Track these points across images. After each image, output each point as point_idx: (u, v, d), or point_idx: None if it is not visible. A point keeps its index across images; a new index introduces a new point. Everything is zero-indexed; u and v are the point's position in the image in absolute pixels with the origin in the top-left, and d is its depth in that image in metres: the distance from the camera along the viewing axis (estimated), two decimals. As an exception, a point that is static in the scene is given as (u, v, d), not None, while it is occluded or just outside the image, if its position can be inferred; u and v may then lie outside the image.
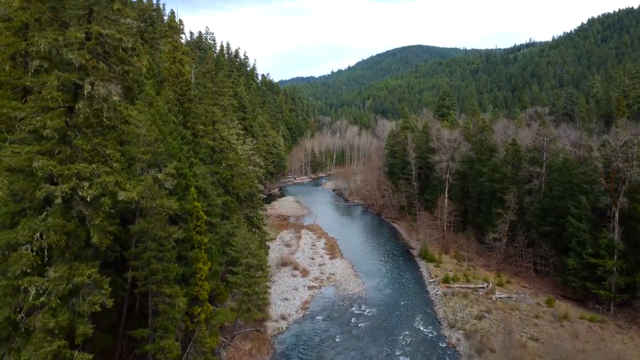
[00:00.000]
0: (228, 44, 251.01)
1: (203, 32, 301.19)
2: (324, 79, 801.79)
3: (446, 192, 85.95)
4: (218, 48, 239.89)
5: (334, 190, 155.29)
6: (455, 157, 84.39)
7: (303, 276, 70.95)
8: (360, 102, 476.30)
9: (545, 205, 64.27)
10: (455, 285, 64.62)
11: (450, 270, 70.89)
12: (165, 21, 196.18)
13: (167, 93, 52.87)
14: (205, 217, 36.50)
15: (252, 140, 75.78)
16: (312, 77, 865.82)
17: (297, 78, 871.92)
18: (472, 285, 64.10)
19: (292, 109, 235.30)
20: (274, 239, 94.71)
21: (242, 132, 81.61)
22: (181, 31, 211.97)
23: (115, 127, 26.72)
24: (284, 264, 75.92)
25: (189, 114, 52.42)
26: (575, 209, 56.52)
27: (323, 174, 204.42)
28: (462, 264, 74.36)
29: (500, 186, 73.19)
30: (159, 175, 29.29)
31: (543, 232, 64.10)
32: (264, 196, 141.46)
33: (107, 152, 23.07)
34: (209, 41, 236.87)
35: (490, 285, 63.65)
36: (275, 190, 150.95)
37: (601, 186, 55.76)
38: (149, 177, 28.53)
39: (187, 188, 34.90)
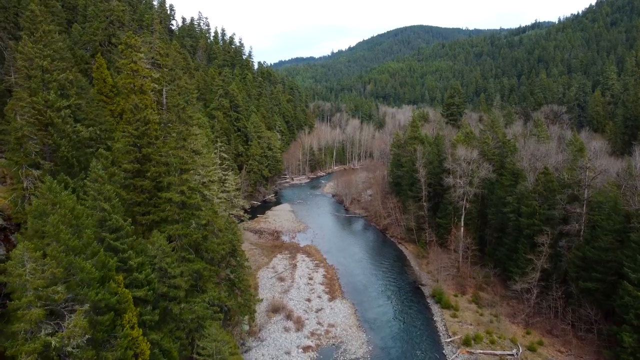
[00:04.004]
0: (223, 30, 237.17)
1: (195, 17, 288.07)
2: (324, 60, 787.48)
3: (462, 220, 74.89)
4: (212, 34, 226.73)
5: (333, 196, 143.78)
6: (473, 180, 73.07)
7: (297, 330, 60.40)
8: (361, 86, 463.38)
9: (587, 255, 53.32)
10: (478, 351, 54.02)
11: (470, 324, 60.47)
12: (154, 7, 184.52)
13: (124, 128, 41.59)
14: (148, 352, 25.54)
15: (234, 178, 64.54)
16: (312, 58, 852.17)
17: (297, 59, 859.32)
18: (499, 352, 53.49)
19: (290, 99, 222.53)
20: (267, 264, 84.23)
21: (226, 158, 70.15)
22: (171, 17, 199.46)
23: None
24: (275, 309, 65.41)
25: (149, 159, 41.18)
26: (632, 272, 45.60)
27: (322, 173, 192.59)
28: (483, 312, 63.79)
29: (529, 222, 62.15)
30: (54, 340, 18.31)
31: (585, 288, 53.27)
32: (258, 203, 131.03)
33: None
34: (203, 26, 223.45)
35: (521, 351, 53.15)
36: (271, 196, 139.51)
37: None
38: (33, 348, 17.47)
39: (120, 314, 23.89)
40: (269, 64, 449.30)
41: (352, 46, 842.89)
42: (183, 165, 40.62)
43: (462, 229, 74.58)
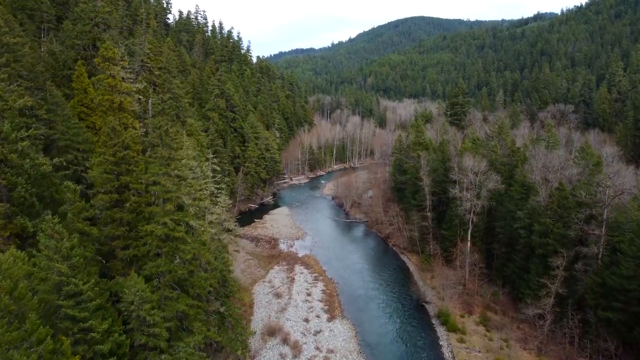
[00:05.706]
0: (221, 24, 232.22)
1: (192, 11, 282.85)
2: (324, 51, 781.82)
3: (469, 234, 70.88)
4: (210, 28, 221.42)
5: (333, 199, 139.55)
6: (481, 193, 68.96)
7: (294, 356, 56.53)
8: (362, 79, 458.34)
9: (607, 282, 49.35)
10: (488, 385, 50.29)
11: (479, 351, 56.66)
12: (150, 1, 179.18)
13: (100, 152, 37.44)
14: None
15: (225, 199, 60.35)
16: (312, 49, 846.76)
17: (297, 50, 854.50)
18: (511, 386, 49.77)
19: (290, 95, 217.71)
20: (264, 277, 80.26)
21: (218, 170, 66.05)
22: (167, 11, 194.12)
23: None
24: (271, 332, 61.46)
25: (128, 188, 37.09)
26: (660, 308, 41.71)
27: (322, 172, 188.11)
28: (492, 335, 59.95)
29: (542, 241, 58.16)
30: None
31: (604, 317, 49.37)
32: (256, 206, 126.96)
33: None
34: (200, 20, 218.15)
35: (534, 384, 49.40)
36: (269, 199, 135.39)
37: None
38: None
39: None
40: (269, 56, 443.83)
41: (352, 37, 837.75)
42: (166, 194, 36.49)
43: (468, 243, 70.61)
